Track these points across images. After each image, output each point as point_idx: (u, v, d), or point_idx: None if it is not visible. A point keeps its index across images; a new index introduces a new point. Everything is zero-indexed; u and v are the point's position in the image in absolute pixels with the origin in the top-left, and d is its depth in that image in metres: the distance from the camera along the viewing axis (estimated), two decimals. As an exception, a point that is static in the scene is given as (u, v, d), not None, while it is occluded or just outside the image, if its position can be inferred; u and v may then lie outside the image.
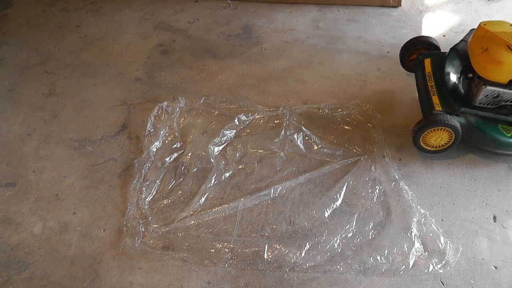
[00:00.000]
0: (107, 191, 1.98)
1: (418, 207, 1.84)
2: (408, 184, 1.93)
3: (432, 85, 1.96)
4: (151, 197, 1.93)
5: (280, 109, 2.25)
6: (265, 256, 1.71)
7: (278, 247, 1.74)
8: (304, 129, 2.14)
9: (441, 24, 2.78)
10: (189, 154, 2.09)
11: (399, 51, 2.29)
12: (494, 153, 1.99)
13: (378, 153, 2.03)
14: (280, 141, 2.11)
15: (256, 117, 2.23)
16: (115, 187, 1.99)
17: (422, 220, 1.79)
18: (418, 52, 2.20)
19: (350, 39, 2.73)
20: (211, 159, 2.05)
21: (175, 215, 1.86)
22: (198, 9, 3.09)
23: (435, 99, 1.91)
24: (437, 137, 1.90)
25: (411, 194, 1.88)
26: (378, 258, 1.69)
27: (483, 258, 1.69)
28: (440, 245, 1.71)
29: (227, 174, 2.00)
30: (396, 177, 1.94)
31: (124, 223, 1.83)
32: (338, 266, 1.67)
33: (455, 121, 1.83)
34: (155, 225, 1.82)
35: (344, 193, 1.91)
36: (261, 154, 2.08)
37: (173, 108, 2.31)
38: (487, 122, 1.88)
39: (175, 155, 2.09)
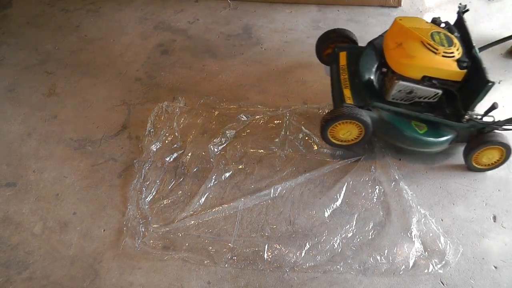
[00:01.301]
0: (107, 191, 1.98)
1: (418, 207, 1.84)
2: (408, 184, 1.93)
3: (346, 78, 1.91)
4: (151, 197, 1.93)
5: (280, 109, 2.25)
6: (265, 256, 1.71)
7: (278, 247, 1.74)
8: (304, 129, 2.14)
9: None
10: (189, 154, 2.09)
11: (315, 42, 2.23)
12: (407, 150, 1.94)
13: (378, 153, 2.03)
14: (280, 141, 2.11)
15: (256, 117, 2.23)
16: (115, 187, 1.99)
17: (422, 220, 1.79)
18: (334, 45, 2.15)
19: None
20: (211, 159, 2.05)
21: (175, 215, 1.86)
22: (198, 9, 3.09)
23: (347, 92, 1.85)
24: (346, 131, 1.85)
25: (411, 194, 1.88)
26: (378, 258, 1.69)
27: (483, 258, 1.69)
28: (440, 245, 1.71)
29: (227, 174, 2.00)
30: (396, 177, 1.94)
31: (124, 223, 1.83)
32: (338, 266, 1.67)
33: (366, 115, 1.77)
34: (155, 225, 1.82)
35: (344, 193, 1.91)
36: (261, 154, 2.08)
37: (173, 108, 2.31)
38: (400, 118, 1.82)
39: (175, 155, 2.09)
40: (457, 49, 1.70)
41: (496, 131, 1.81)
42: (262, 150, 2.09)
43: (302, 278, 1.66)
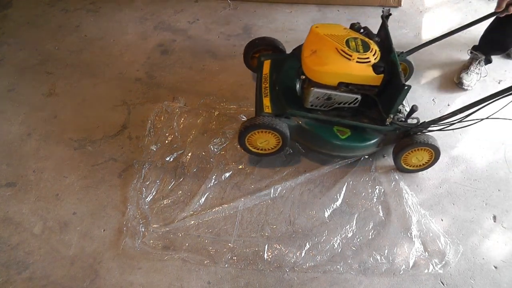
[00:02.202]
0: (107, 191, 1.98)
1: (418, 207, 1.84)
2: (408, 184, 1.93)
3: (266, 87, 1.91)
4: (151, 197, 1.93)
5: (280, 109, 2.25)
6: (265, 256, 1.71)
7: (278, 247, 1.74)
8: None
9: (441, 24, 2.78)
10: (189, 154, 2.09)
11: (243, 49, 2.23)
12: (331, 156, 1.95)
13: (378, 153, 2.03)
14: (280, 141, 2.11)
15: (256, 117, 2.23)
16: (115, 187, 1.99)
17: (422, 220, 1.79)
18: (261, 52, 2.16)
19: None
20: (211, 159, 2.05)
21: (175, 215, 1.86)
22: (198, 9, 3.09)
23: (266, 101, 1.85)
24: (264, 140, 1.85)
25: (411, 194, 1.88)
26: (378, 258, 1.69)
27: (483, 258, 1.69)
28: (440, 245, 1.71)
29: (227, 174, 2.00)
30: (396, 177, 1.94)
31: (124, 223, 1.83)
32: (338, 266, 1.67)
33: (282, 125, 1.77)
34: (155, 225, 1.82)
35: (344, 193, 1.91)
36: (261, 154, 2.08)
37: (173, 108, 2.31)
38: (320, 124, 1.82)
39: (175, 155, 2.09)
40: (374, 54, 1.69)
41: (422, 133, 1.80)
42: (262, 150, 2.09)
43: (302, 278, 1.66)
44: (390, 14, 1.89)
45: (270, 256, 1.72)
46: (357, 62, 1.65)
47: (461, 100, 2.30)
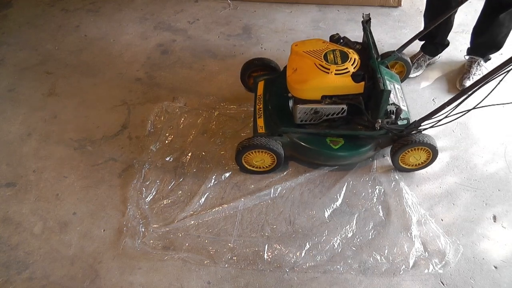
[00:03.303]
0: (107, 191, 1.98)
1: (418, 207, 1.84)
2: (408, 184, 1.93)
3: (260, 108, 1.96)
4: (151, 197, 1.93)
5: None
6: (265, 256, 1.71)
7: (278, 247, 1.74)
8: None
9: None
10: (189, 154, 2.09)
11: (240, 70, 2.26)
12: (327, 165, 1.99)
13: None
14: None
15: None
16: (115, 187, 1.99)
17: (422, 220, 1.79)
18: (257, 73, 2.20)
19: (350, 39, 2.73)
20: (211, 159, 2.05)
21: (175, 215, 1.86)
22: (198, 9, 3.09)
23: (260, 122, 1.91)
24: (259, 159, 1.89)
25: (411, 194, 1.88)
26: (378, 258, 1.69)
27: (483, 258, 1.69)
28: (440, 245, 1.71)
29: (227, 174, 2.00)
30: (396, 177, 1.94)
31: (124, 223, 1.83)
32: (338, 266, 1.67)
33: (275, 143, 1.81)
34: (155, 225, 1.82)
35: (344, 193, 1.91)
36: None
37: (173, 108, 2.31)
38: (312, 137, 1.85)
39: (175, 155, 2.09)
40: (352, 64, 1.71)
41: (418, 132, 1.80)
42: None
43: (302, 278, 1.66)
44: (370, 19, 1.91)
45: (270, 256, 1.72)
46: (335, 74, 1.69)
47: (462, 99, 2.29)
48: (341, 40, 1.90)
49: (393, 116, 1.76)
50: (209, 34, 2.86)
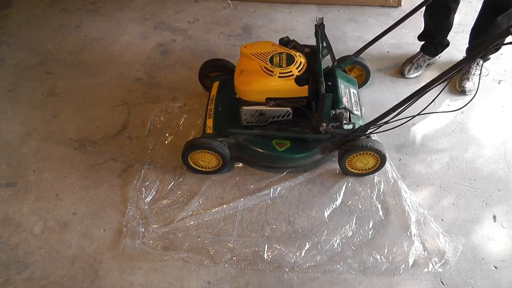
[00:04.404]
0: (107, 191, 1.98)
1: (418, 206, 1.84)
2: (408, 184, 1.93)
3: (211, 108, 1.98)
4: (151, 197, 1.93)
5: (280, 109, 2.25)
6: (265, 256, 1.71)
7: (278, 247, 1.74)
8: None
9: (441, 24, 2.77)
10: (189, 154, 2.09)
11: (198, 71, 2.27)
12: (275, 167, 1.99)
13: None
14: (280, 141, 2.11)
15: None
16: (115, 187, 1.99)
17: (422, 220, 1.79)
18: (215, 73, 2.21)
19: (350, 39, 2.73)
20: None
21: (174, 215, 1.86)
22: (198, 9, 3.09)
23: (209, 122, 1.93)
24: (205, 159, 1.90)
25: (410, 193, 1.88)
26: (378, 257, 1.70)
27: (483, 258, 1.69)
28: (439, 243, 1.71)
29: (227, 174, 2.00)
30: (396, 177, 1.94)
31: (124, 223, 1.83)
32: (338, 266, 1.67)
33: (220, 145, 1.83)
34: (155, 225, 1.82)
35: (343, 193, 1.91)
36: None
37: (173, 108, 2.31)
38: (258, 139, 1.86)
39: (175, 155, 2.09)
40: (297, 67, 1.73)
41: (367, 136, 1.79)
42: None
43: (302, 278, 1.66)
44: (322, 23, 1.92)
45: (270, 256, 1.72)
46: (279, 77, 1.70)
47: (460, 98, 2.30)
48: (291, 43, 1.91)
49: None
50: (209, 34, 2.86)
